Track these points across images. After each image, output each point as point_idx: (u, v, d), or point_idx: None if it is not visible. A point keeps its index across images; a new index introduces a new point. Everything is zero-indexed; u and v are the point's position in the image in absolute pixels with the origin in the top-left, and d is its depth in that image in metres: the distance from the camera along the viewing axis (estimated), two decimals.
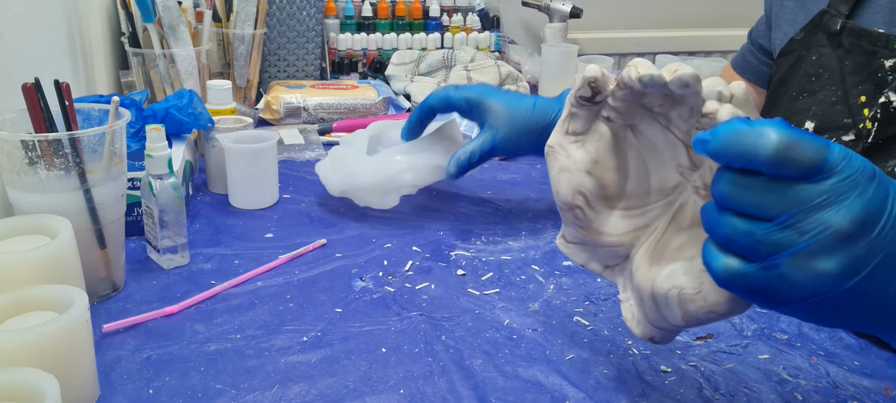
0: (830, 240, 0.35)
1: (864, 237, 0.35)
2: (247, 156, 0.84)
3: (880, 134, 0.66)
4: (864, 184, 0.35)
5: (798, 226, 0.35)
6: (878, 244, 0.35)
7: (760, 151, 0.35)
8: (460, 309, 0.65)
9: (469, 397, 0.53)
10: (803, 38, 0.76)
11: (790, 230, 0.35)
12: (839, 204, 0.35)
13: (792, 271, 0.36)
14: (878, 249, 0.35)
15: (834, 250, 0.35)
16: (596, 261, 0.51)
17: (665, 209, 0.48)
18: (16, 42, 0.74)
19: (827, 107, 0.71)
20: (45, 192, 0.59)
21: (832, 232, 0.35)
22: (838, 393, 0.55)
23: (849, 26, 0.71)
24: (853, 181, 0.35)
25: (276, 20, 1.33)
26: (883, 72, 0.67)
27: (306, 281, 0.69)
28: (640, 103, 0.47)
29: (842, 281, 0.35)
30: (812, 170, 0.35)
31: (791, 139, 0.35)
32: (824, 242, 0.35)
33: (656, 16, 1.88)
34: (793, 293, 0.36)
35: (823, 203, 0.35)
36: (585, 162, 0.48)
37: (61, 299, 0.50)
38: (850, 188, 0.35)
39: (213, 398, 0.52)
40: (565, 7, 1.56)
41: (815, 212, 0.35)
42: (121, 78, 1.14)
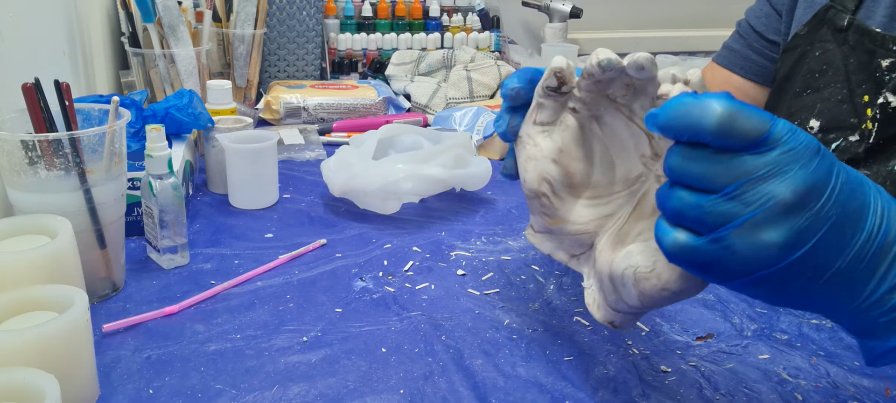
0: (775, 211, 0.35)
1: (808, 209, 0.36)
2: (247, 156, 0.84)
3: (881, 134, 0.66)
4: (808, 158, 0.36)
5: (743, 197, 0.36)
6: (823, 217, 0.36)
7: (705, 122, 0.36)
8: (460, 309, 0.65)
9: (469, 397, 0.53)
10: (807, 34, 0.75)
11: (736, 201, 0.36)
12: (783, 176, 0.35)
13: (738, 242, 0.36)
14: (823, 222, 0.36)
15: (779, 221, 0.36)
16: (562, 250, 0.52)
17: (629, 198, 0.49)
18: (16, 42, 0.74)
19: (833, 105, 0.70)
20: (45, 192, 0.59)
21: (777, 203, 0.35)
22: (838, 393, 0.55)
23: (855, 23, 0.70)
24: (797, 154, 0.36)
25: (276, 20, 1.33)
26: (881, 71, 0.66)
27: (306, 281, 0.69)
28: (604, 93, 0.48)
29: (787, 252, 0.36)
30: (756, 142, 0.36)
31: (735, 110, 0.35)
32: (769, 213, 0.35)
33: (656, 16, 1.88)
34: (740, 266, 0.37)
35: (767, 174, 0.35)
36: (552, 150, 0.50)
37: (61, 299, 0.50)
38: (794, 160, 0.35)
39: (213, 398, 0.52)
40: (565, 7, 1.56)
41: (760, 184, 0.35)
42: (121, 78, 1.15)
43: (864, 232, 0.37)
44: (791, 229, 0.36)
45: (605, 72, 0.46)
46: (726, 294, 0.69)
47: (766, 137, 0.36)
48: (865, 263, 0.37)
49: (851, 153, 0.68)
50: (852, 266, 0.37)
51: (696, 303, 0.67)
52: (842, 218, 0.36)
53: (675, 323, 0.64)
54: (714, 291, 0.69)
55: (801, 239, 0.36)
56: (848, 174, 0.37)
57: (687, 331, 0.63)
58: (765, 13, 0.84)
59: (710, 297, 0.68)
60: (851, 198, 0.37)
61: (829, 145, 0.69)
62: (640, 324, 0.63)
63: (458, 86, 1.31)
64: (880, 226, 0.37)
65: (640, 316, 0.47)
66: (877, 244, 0.37)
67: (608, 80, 0.47)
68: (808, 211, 0.36)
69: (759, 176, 0.36)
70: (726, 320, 0.65)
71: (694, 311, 0.66)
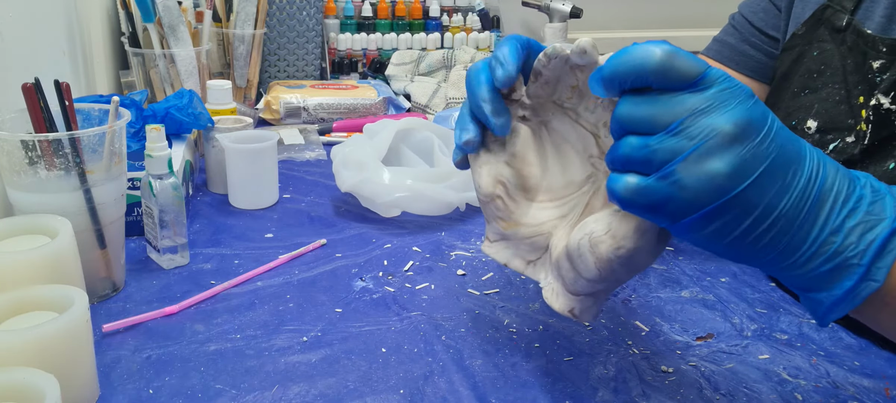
0: (718, 142, 0.37)
1: (749, 140, 0.37)
2: (247, 156, 0.84)
3: (874, 136, 0.66)
4: (743, 97, 0.38)
5: (687, 132, 0.38)
6: (763, 151, 0.38)
7: (647, 63, 0.38)
8: (460, 308, 0.65)
9: (469, 397, 0.53)
10: (805, 33, 0.74)
11: (680, 136, 0.38)
12: (722, 110, 0.37)
13: (686, 176, 0.38)
14: (764, 156, 0.38)
15: (722, 151, 0.37)
16: (518, 257, 0.52)
17: (581, 198, 0.51)
18: (16, 42, 0.74)
19: (831, 106, 0.70)
20: (45, 192, 0.59)
21: (719, 135, 0.37)
22: (838, 393, 0.55)
23: (853, 24, 0.69)
24: (733, 92, 0.38)
25: (276, 20, 1.33)
26: (872, 73, 0.66)
27: (306, 281, 0.69)
28: (551, 99, 0.50)
29: (733, 182, 0.37)
30: (695, 81, 0.38)
31: (673, 51, 0.38)
32: (713, 144, 0.37)
33: (656, 16, 1.88)
34: (690, 201, 0.38)
35: (708, 108, 0.38)
36: (504, 154, 0.51)
37: (61, 299, 0.50)
38: (731, 97, 0.38)
39: (213, 398, 0.52)
40: (565, 7, 1.56)
41: (701, 117, 0.38)
42: (121, 78, 1.15)
43: (803, 175, 0.39)
44: (735, 158, 0.37)
45: (550, 61, 0.47)
46: (726, 294, 0.69)
47: (703, 76, 0.38)
48: (808, 207, 0.39)
49: (848, 154, 0.68)
50: (795, 209, 0.39)
51: (695, 303, 0.67)
52: (781, 157, 0.38)
53: (675, 323, 0.64)
54: (714, 291, 0.69)
55: (745, 169, 0.37)
56: (780, 124, 0.39)
57: (687, 331, 0.63)
58: (762, 8, 0.83)
59: (710, 297, 0.68)
60: (788, 141, 0.39)
61: (827, 146, 0.69)
62: (639, 324, 0.63)
63: (459, 86, 1.31)
64: (818, 172, 0.39)
65: (601, 299, 0.47)
66: (816, 188, 0.39)
67: (556, 78, 0.49)
68: (750, 143, 0.37)
69: (701, 110, 0.38)
70: (726, 320, 0.65)
71: (694, 311, 0.66)
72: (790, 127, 0.73)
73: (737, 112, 0.37)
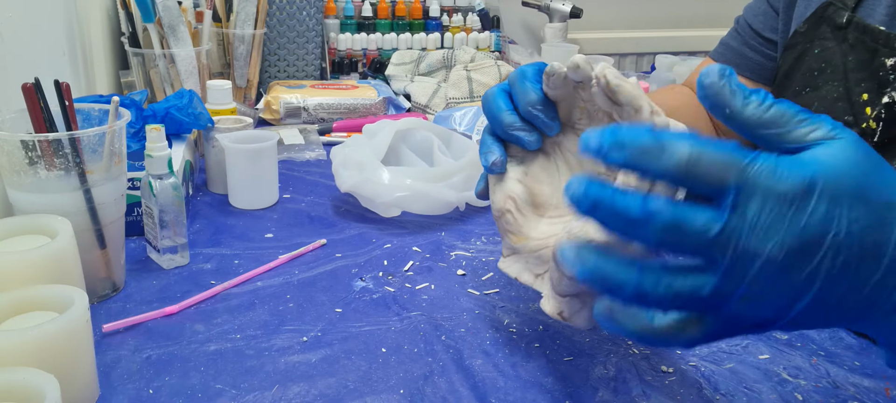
0: (767, 279, 0.32)
1: (804, 263, 0.32)
2: (247, 156, 0.84)
3: (885, 134, 0.66)
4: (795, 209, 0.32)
5: (735, 269, 0.32)
6: (818, 272, 0.33)
7: (669, 164, 0.32)
8: (460, 308, 0.65)
9: (469, 397, 0.53)
10: (806, 31, 0.74)
11: (730, 276, 0.33)
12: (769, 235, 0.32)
13: (747, 307, 0.33)
14: (817, 277, 0.33)
15: (771, 284, 0.32)
16: (527, 271, 0.54)
17: None
18: (16, 42, 0.74)
19: (829, 103, 0.69)
20: (45, 192, 0.59)
21: (768, 267, 0.32)
22: (838, 393, 0.55)
23: (855, 20, 0.69)
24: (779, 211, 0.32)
25: (276, 20, 1.33)
26: (884, 70, 0.66)
27: (306, 281, 0.69)
28: (567, 123, 0.53)
29: (789, 306, 0.33)
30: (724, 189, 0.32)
31: (700, 151, 0.32)
32: (763, 286, 0.33)
33: (656, 16, 1.88)
34: (756, 322, 0.35)
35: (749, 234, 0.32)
36: (518, 173, 0.54)
37: (61, 299, 0.50)
38: (779, 217, 0.32)
39: (213, 398, 0.52)
40: (565, 7, 1.56)
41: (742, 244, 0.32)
42: (121, 78, 1.15)
43: (880, 270, 0.33)
44: (788, 285, 0.32)
45: (549, 79, 0.50)
46: None
47: (739, 188, 0.31)
48: (885, 297, 0.34)
49: None
50: (870, 301, 0.34)
51: None
52: (850, 261, 0.32)
53: None
54: None
55: (797, 292, 0.32)
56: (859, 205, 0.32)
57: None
58: (762, 11, 0.83)
59: None
60: (865, 234, 0.32)
61: None
62: None
63: (459, 86, 1.31)
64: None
65: (588, 302, 0.47)
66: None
67: (562, 97, 0.51)
68: (803, 267, 0.32)
69: (741, 236, 0.31)
70: None
71: None
72: None
73: (789, 233, 0.31)
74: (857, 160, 0.33)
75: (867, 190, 0.33)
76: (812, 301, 0.33)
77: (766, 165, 0.32)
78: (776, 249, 0.31)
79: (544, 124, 0.51)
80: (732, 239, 0.31)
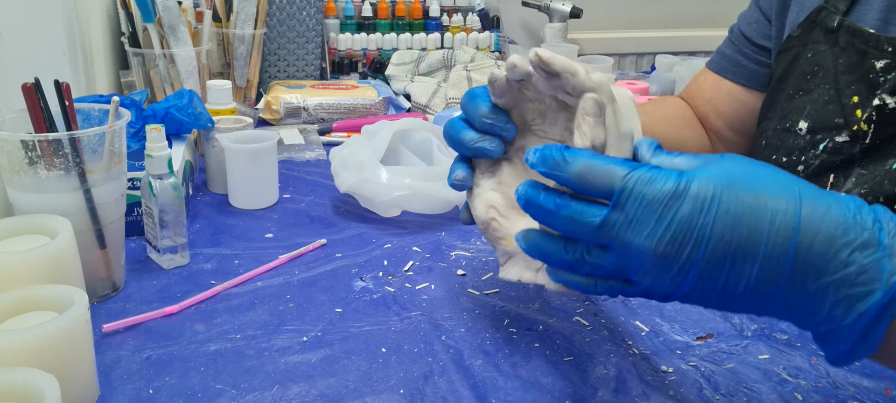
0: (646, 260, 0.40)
1: (677, 253, 0.39)
2: (247, 156, 0.84)
3: (877, 135, 0.66)
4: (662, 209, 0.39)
5: (618, 252, 0.41)
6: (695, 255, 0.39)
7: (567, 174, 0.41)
8: (460, 308, 0.65)
9: (469, 397, 0.53)
10: (800, 35, 0.75)
11: (623, 257, 0.41)
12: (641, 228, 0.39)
13: (646, 281, 0.41)
14: (691, 263, 0.39)
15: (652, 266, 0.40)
16: (527, 270, 0.54)
17: None
18: (16, 42, 0.74)
19: (820, 106, 0.70)
20: (45, 192, 0.59)
21: (644, 253, 0.39)
22: (838, 393, 0.55)
23: (845, 24, 0.70)
24: (650, 206, 0.39)
25: (276, 20, 1.33)
26: (874, 73, 0.66)
27: (306, 281, 0.69)
28: (525, 127, 0.56)
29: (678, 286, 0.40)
30: (609, 193, 0.40)
31: (590, 165, 0.40)
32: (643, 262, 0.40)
33: (656, 16, 1.88)
34: (662, 294, 0.41)
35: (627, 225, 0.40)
36: (492, 183, 0.56)
37: (61, 299, 0.50)
38: (649, 212, 0.39)
39: (213, 398, 0.52)
40: (565, 7, 1.56)
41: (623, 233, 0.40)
42: (121, 78, 1.15)
43: (761, 249, 0.37)
44: (665, 271, 0.39)
45: (494, 85, 0.53)
46: None
47: (621, 191, 0.39)
48: (783, 279, 0.38)
49: (844, 154, 0.68)
50: (764, 279, 0.38)
51: None
52: (720, 251, 0.38)
53: (675, 323, 0.64)
54: None
55: (684, 271, 0.39)
56: (728, 203, 0.37)
57: (687, 331, 0.63)
58: (754, 19, 0.84)
59: None
60: (734, 227, 0.37)
61: (817, 146, 0.70)
62: (639, 324, 0.63)
63: (458, 86, 1.31)
64: (788, 238, 0.37)
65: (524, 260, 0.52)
66: (788, 259, 0.37)
67: (513, 102, 0.54)
68: (680, 254, 0.38)
69: (620, 227, 0.39)
70: (726, 320, 0.65)
71: (694, 311, 0.66)
72: (784, 129, 0.73)
73: (657, 228, 0.38)
74: (730, 167, 0.39)
75: (736, 187, 0.38)
76: (696, 283, 0.39)
77: (645, 174, 0.39)
78: (650, 240, 0.38)
79: (501, 129, 0.54)
80: (615, 229, 0.39)
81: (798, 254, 0.37)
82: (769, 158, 0.75)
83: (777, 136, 0.74)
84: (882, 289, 0.36)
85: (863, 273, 0.37)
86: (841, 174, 0.68)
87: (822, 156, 0.69)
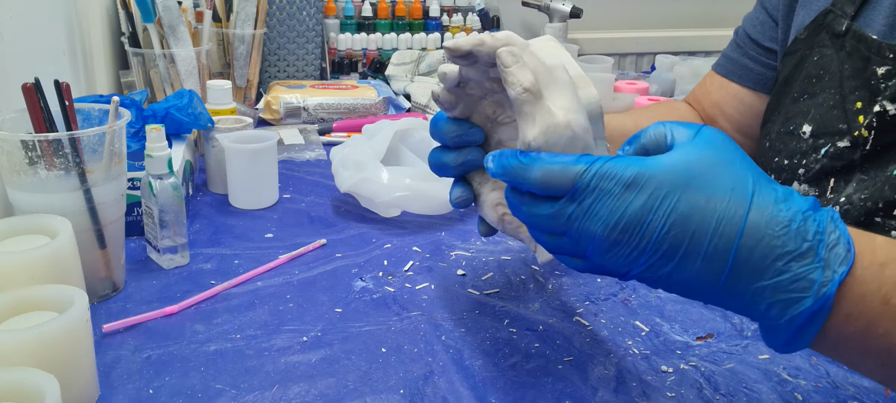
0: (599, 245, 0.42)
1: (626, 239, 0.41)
2: (247, 156, 0.84)
3: (878, 141, 0.65)
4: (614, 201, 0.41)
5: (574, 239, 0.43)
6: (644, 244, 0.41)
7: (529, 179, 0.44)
8: (460, 308, 0.65)
9: (469, 397, 0.53)
10: (806, 38, 0.74)
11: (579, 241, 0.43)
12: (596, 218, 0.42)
13: (601, 260, 0.43)
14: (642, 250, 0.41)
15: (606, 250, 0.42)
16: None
17: None
18: (16, 42, 0.74)
19: (824, 110, 0.70)
20: (45, 192, 0.59)
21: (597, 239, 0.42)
22: (838, 393, 0.55)
23: (853, 29, 0.69)
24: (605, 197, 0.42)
25: (276, 20, 1.33)
26: (876, 79, 0.66)
27: (306, 281, 0.69)
28: (492, 121, 0.57)
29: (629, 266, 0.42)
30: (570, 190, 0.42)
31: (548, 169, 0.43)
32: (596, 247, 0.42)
33: (656, 16, 1.88)
34: (616, 272, 0.43)
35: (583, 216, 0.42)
36: (490, 185, 0.58)
37: (61, 299, 0.50)
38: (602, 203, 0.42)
39: (213, 398, 0.52)
40: (565, 7, 1.56)
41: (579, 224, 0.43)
42: (121, 78, 1.15)
43: (705, 245, 0.40)
44: (618, 256, 0.42)
45: (440, 102, 0.54)
46: None
47: (576, 187, 0.42)
48: (722, 278, 0.40)
49: (845, 159, 0.67)
50: (706, 275, 0.40)
51: (695, 303, 0.67)
52: (665, 245, 0.40)
53: (675, 323, 0.64)
54: None
55: (634, 257, 0.41)
56: (677, 202, 0.40)
57: (687, 331, 0.63)
58: (760, 21, 0.84)
59: None
60: (681, 224, 0.40)
61: (819, 150, 0.69)
62: (639, 324, 0.63)
63: None
64: (733, 235, 0.40)
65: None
66: (730, 258, 0.40)
67: (464, 109, 0.56)
68: (629, 241, 0.41)
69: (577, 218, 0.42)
70: (726, 320, 0.65)
71: (694, 311, 0.66)
72: (787, 132, 0.73)
73: (609, 219, 0.41)
74: (691, 161, 0.41)
75: (692, 186, 0.40)
76: (647, 268, 0.41)
77: (600, 169, 0.41)
78: (603, 228, 0.41)
79: (469, 137, 0.57)
80: (571, 219, 0.42)
81: (737, 258, 0.40)
82: (772, 160, 0.75)
83: (780, 139, 0.74)
84: (812, 298, 0.39)
85: (796, 281, 0.39)
86: (841, 179, 0.68)
87: (823, 161, 0.69)
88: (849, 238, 0.40)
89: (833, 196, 0.68)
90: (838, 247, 0.40)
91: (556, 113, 0.46)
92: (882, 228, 0.64)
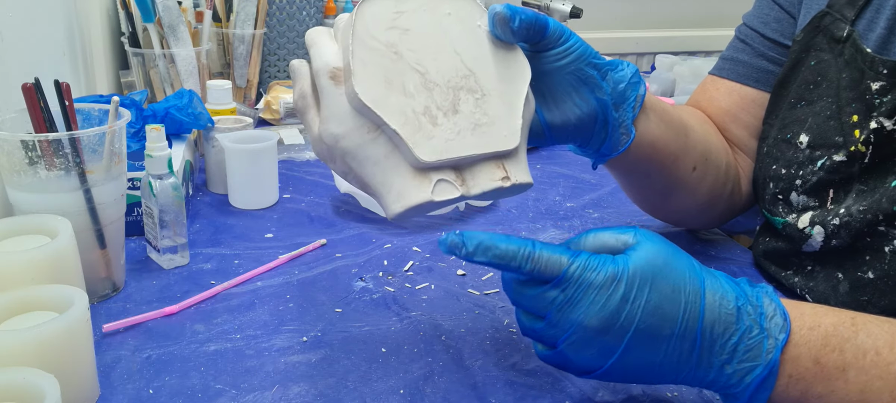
0: (581, 335, 0.46)
1: (609, 329, 0.45)
2: (247, 156, 0.84)
3: (875, 156, 0.64)
4: (599, 289, 0.45)
5: (558, 324, 0.46)
6: (621, 334, 0.46)
7: (520, 265, 0.47)
8: (460, 308, 0.65)
9: (469, 397, 0.53)
10: (803, 39, 0.71)
11: (555, 328, 0.47)
12: (579, 307, 0.46)
13: (570, 353, 0.47)
14: (625, 329, 0.46)
15: (587, 341, 0.46)
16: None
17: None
18: (16, 42, 0.74)
19: (822, 120, 0.67)
20: (45, 192, 0.59)
21: (579, 328, 0.46)
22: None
23: (853, 37, 0.66)
24: (589, 288, 0.46)
25: (276, 20, 1.33)
26: (870, 94, 0.64)
27: (306, 281, 0.69)
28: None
29: (603, 360, 0.47)
30: (556, 278, 0.46)
31: (536, 255, 0.46)
32: (577, 337, 0.46)
33: (656, 16, 1.88)
34: (580, 368, 0.48)
35: (568, 303, 0.46)
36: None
37: (61, 299, 0.50)
38: (585, 294, 0.46)
39: (213, 398, 0.52)
40: (565, 7, 1.56)
41: (565, 312, 0.46)
42: (121, 78, 1.15)
43: (674, 334, 0.46)
44: (599, 346, 0.46)
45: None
46: None
47: (562, 275, 0.46)
48: (688, 357, 0.46)
49: (843, 173, 0.65)
50: (673, 358, 0.46)
51: None
52: (648, 325, 0.45)
53: None
54: None
55: (611, 346, 0.46)
56: (654, 289, 0.45)
57: None
58: (774, 17, 0.77)
59: None
60: (662, 301, 0.45)
61: (815, 162, 0.67)
62: None
63: None
64: (694, 322, 0.46)
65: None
66: (697, 341, 0.46)
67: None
68: (611, 331, 0.45)
69: (562, 305, 0.46)
70: None
71: None
72: (784, 140, 0.70)
73: (591, 310, 0.45)
74: (652, 259, 0.46)
75: (658, 279, 0.46)
76: (620, 358, 0.46)
77: (585, 262, 0.46)
78: (586, 318, 0.45)
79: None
80: (553, 304, 0.46)
81: (703, 335, 0.46)
82: (769, 168, 0.72)
83: (777, 147, 0.71)
84: (762, 365, 0.46)
85: (749, 350, 0.46)
86: (841, 190, 0.66)
87: (820, 174, 0.67)
88: (784, 309, 0.47)
89: (833, 206, 0.66)
90: (776, 317, 0.47)
91: (312, 126, 0.52)
92: (886, 237, 0.62)
